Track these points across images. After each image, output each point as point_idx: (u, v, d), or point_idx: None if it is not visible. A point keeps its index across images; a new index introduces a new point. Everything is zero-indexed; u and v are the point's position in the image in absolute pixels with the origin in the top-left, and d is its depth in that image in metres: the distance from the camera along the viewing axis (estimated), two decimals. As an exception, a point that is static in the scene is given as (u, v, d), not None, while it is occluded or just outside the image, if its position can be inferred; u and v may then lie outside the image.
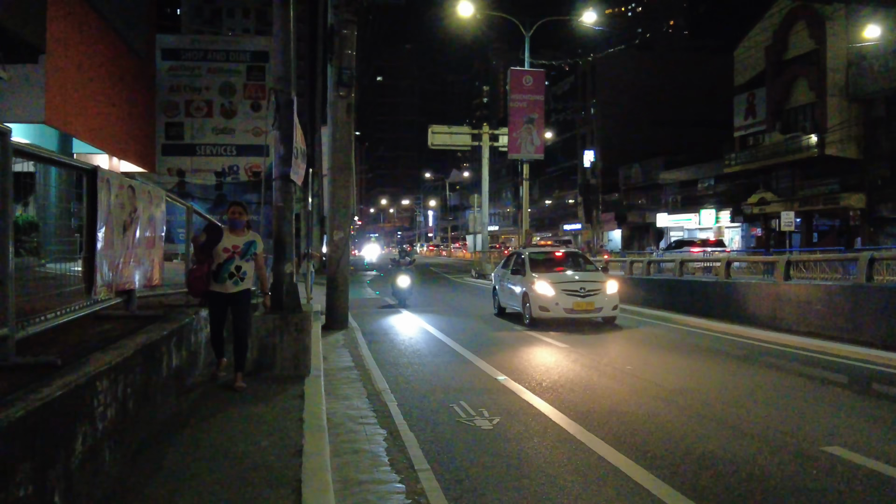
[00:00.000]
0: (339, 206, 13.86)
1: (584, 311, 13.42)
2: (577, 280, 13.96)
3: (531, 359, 10.45)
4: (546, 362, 10.08)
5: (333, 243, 13.89)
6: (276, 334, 7.27)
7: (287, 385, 6.99)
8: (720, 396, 7.72)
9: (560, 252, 16.56)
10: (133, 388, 4.76)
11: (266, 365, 7.30)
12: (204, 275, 6.49)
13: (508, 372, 9.12)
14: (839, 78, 35.35)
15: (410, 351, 11.26)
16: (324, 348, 11.19)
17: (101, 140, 27.56)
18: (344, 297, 13.88)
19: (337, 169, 13.88)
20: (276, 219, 7.52)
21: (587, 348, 11.22)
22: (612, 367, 9.57)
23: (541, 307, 13.52)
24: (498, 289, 16.45)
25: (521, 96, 28.48)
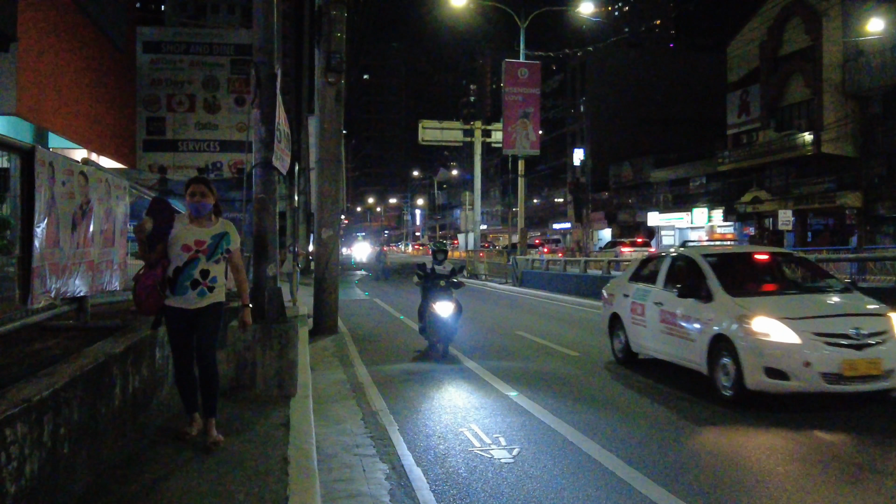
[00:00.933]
0: (327, 201, 12.78)
1: (862, 379, 6.63)
2: (839, 313, 7.26)
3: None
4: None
5: (321, 241, 12.80)
6: (257, 348, 6.18)
7: (269, 409, 5.91)
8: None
9: (764, 254, 9.39)
10: (69, 428, 3.68)
11: (245, 384, 6.21)
12: (157, 283, 4.63)
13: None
14: (835, 74, 34.64)
15: (413, 355, 10.21)
16: (312, 357, 10.10)
17: (78, 135, 26.27)
18: (333, 300, 12.80)
19: (325, 161, 12.78)
20: (256, 212, 6.42)
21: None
22: None
23: (770, 369, 6.67)
24: (625, 317, 9.36)
25: (516, 89, 27.34)
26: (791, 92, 37.10)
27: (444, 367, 9.58)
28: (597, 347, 10.93)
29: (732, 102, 41.37)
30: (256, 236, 6.41)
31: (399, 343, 11.89)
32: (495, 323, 14.65)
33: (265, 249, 6.40)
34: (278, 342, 6.23)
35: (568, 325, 14.05)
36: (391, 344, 11.82)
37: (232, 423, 5.45)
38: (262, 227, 6.42)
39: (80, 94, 25.43)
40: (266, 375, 6.24)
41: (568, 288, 20.14)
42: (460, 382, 8.46)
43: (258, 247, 6.42)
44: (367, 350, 11.07)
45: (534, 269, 23.57)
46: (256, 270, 6.40)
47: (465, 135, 30.59)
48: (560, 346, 11.15)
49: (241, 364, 6.20)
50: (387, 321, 15.38)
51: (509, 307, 18.11)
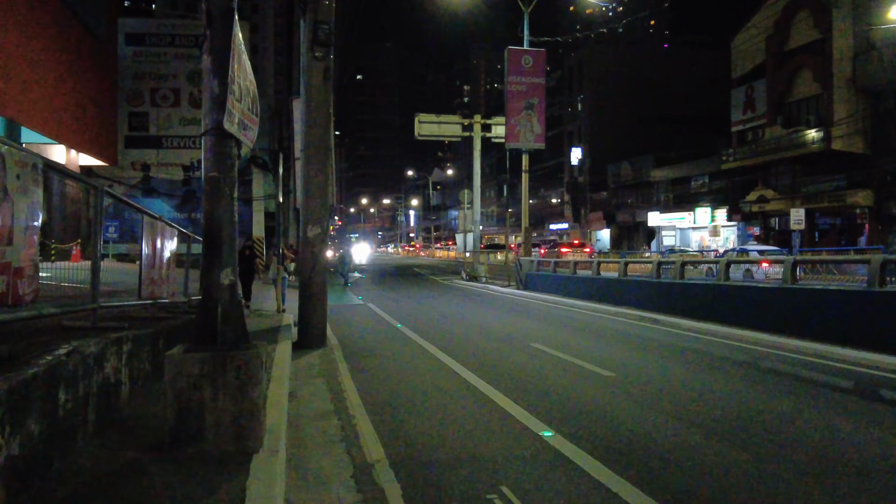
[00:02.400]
0: (314, 195, 10.98)
1: None
2: None
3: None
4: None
5: (307, 240, 11.00)
6: (206, 386, 4.39)
7: (220, 474, 4.11)
8: None
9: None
10: None
11: (189, 435, 4.41)
12: None
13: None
14: (846, 68, 33.07)
15: (411, 380, 8.41)
16: (293, 379, 8.31)
17: (55, 129, 24.31)
18: (321, 308, 11.00)
19: (312, 147, 10.98)
20: (207, 197, 4.62)
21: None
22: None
23: None
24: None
25: (520, 79, 25.37)
26: (799, 87, 35.51)
27: (453, 388, 7.81)
28: (633, 366, 9.19)
29: (737, 98, 39.75)
30: (206, 230, 4.60)
31: (399, 358, 10.10)
32: (506, 333, 12.88)
33: (218, 248, 4.59)
34: (236, 377, 4.43)
35: (589, 336, 12.29)
36: (389, 360, 10.02)
37: (158, 500, 3.65)
38: (215, 217, 4.62)
39: (55, 86, 23.54)
40: (219, 423, 4.44)
41: (579, 292, 18.40)
42: (479, 415, 6.68)
43: (208, 244, 4.61)
44: (361, 368, 9.28)
45: (540, 272, 21.82)
46: (206, 277, 4.59)
47: (463, 129, 28.67)
48: (587, 362, 9.37)
49: (185, 408, 4.40)
50: (383, 330, 13.58)
51: (518, 314, 16.34)
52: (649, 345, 11.19)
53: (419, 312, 16.99)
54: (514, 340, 11.78)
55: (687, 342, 11.44)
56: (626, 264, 16.66)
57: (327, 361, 9.74)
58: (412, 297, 22.29)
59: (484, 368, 9.05)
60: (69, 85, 24.68)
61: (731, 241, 42.63)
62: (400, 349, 11.01)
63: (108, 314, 6.47)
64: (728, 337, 11.67)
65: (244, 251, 15.29)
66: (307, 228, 10.99)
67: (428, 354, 10.39)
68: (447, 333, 12.86)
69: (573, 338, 12.05)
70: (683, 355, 10.25)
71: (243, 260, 14.68)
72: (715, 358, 10.01)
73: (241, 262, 15.22)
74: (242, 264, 14.26)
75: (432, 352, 10.57)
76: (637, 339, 11.79)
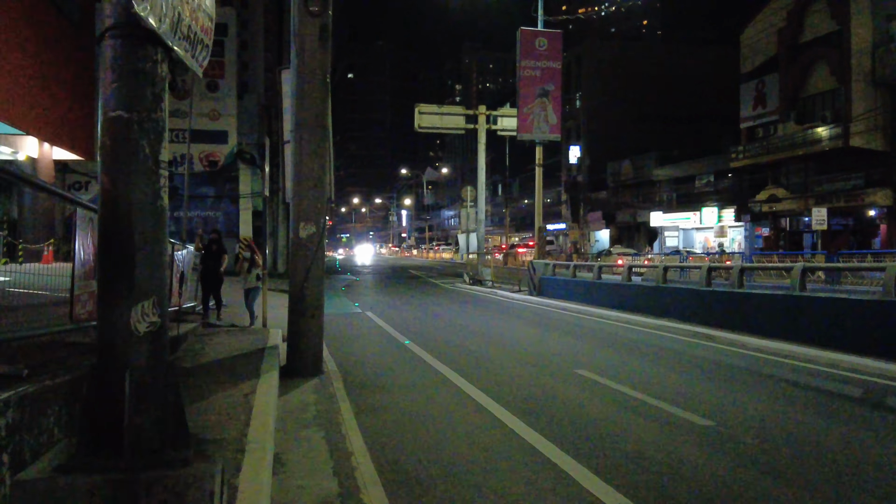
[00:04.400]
0: (307, 185, 8.67)
1: None
2: None
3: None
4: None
5: (299, 242, 8.69)
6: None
7: None
8: None
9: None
10: None
11: None
12: None
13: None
14: (864, 62, 31.05)
15: (439, 431, 6.13)
16: (280, 426, 6.05)
17: (25, 121, 21.79)
18: (316, 326, 8.69)
19: (304, 126, 8.68)
20: (105, 162, 2.31)
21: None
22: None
23: None
24: None
25: (534, 63, 22.81)
26: (814, 81, 33.48)
27: (500, 445, 5.55)
28: (728, 407, 6.95)
29: (747, 94, 37.67)
30: (104, 224, 2.29)
31: (415, 391, 7.81)
32: (537, 353, 10.60)
33: (126, 260, 2.29)
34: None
35: (644, 360, 9.99)
36: (403, 395, 7.73)
37: None
38: (121, 201, 2.31)
39: (25, 73, 21.00)
40: None
41: (606, 300, 16.12)
42: (553, 501, 4.41)
43: (108, 252, 2.30)
44: (369, 408, 7.00)
45: (557, 276, 19.54)
46: (104, 317, 2.28)
47: (467, 121, 26.21)
48: (667, 403, 7.11)
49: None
50: (388, 349, 11.28)
51: (542, 327, 14.02)
52: (727, 373, 8.92)
53: (427, 324, 14.69)
54: (552, 364, 9.51)
55: (773, 369, 9.18)
56: (666, 269, 14.39)
57: (325, 398, 7.45)
58: (414, 303, 19.99)
59: (531, 411, 6.79)
60: (41, 74, 22.33)
61: (738, 243, 40.62)
62: (414, 377, 8.72)
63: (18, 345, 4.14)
64: (815, 361, 9.44)
65: (210, 246, 12.24)
66: (299, 227, 8.69)
67: (450, 386, 8.13)
68: (467, 353, 10.58)
69: (626, 361, 9.78)
70: (781, 389, 8.02)
71: (209, 257, 12.15)
72: (831, 396, 7.80)
73: (206, 260, 12.14)
74: (208, 262, 11.94)
75: (455, 382, 8.30)
76: (705, 364, 9.55)
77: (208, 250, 12.19)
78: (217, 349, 9.24)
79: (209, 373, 7.57)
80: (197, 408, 5.92)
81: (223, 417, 5.59)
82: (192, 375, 7.45)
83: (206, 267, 12.11)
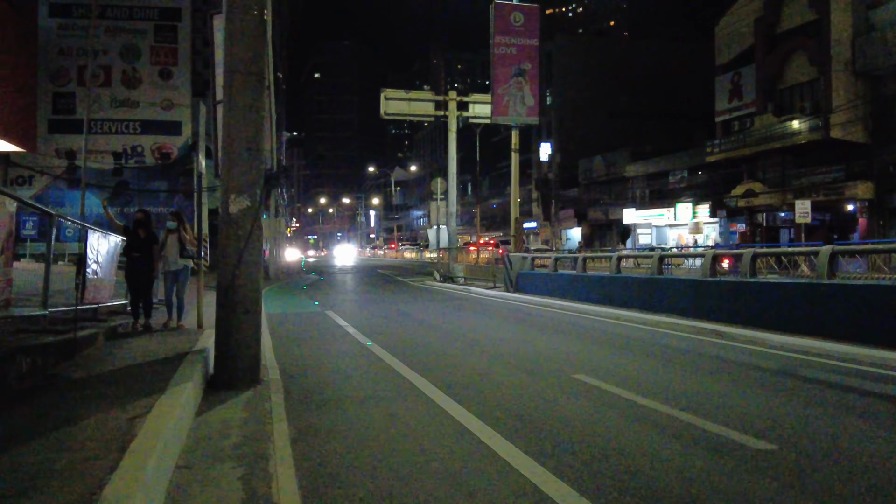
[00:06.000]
0: (238, 148, 6.84)
1: None
2: None
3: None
4: None
5: (230, 219, 6.86)
6: None
7: None
8: None
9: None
10: None
11: None
12: None
13: None
14: (844, 51, 30.10)
15: (409, 465, 4.35)
16: (185, 459, 4.24)
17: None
18: (251, 325, 6.86)
19: (235, 73, 6.85)
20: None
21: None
22: None
23: None
24: None
25: (508, 39, 20.93)
26: (792, 72, 32.49)
27: (494, 488, 3.79)
28: (785, 422, 5.30)
29: (722, 86, 36.62)
30: None
31: (377, 407, 6.01)
32: (525, 354, 8.88)
33: None
34: None
35: (652, 362, 8.31)
36: (361, 411, 5.93)
37: None
38: None
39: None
40: None
41: (592, 294, 14.48)
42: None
43: None
44: (313, 431, 5.21)
45: (535, 271, 17.88)
46: None
47: (437, 108, 24.29)
48: (701, 417, 5.45)
49: None
50: (347, 352, 9.47)
51: (525, 324, 12.28)
52: (759, 377, 7.24)
53: (394, 323, 12.90)
54: (545, 368, 7.79)
55: (811, 370, 7.55)
56: (661, 259, 12.83)
57: (257, 417, 5.64)
58: (381, 302, 18.17)
59: (527, 432, 5.07)
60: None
61: (713, 240, 39.54)
62: (375, 387, 6.94)
63: None
64: (857, 360, 7.86)
65: (136, 231, 9.51)
66: (228, 200, 6.85)
67: (421, 397, 6.37)
68: (441, 357, 8.83)
69: (630, 363, 8.10)
70: (838, 397, 6.40)
71: (134, 246, 9.48)
72: (888, 400, 6.22)
73: (134, 249, 9.35)
74: (134, 252, 9.45)
75: (427, 392, 6.55)
76: (726, 366, 7.93)
77: (132, 237, 9.54)
78: (127, 355, 7.36)
79: (99, 386, 5.71)
80: (54, 439, 4.09)
81: (82, 456, 3.76)
82: (75, 389, 5.59)
83: (132, 260, 9.49)
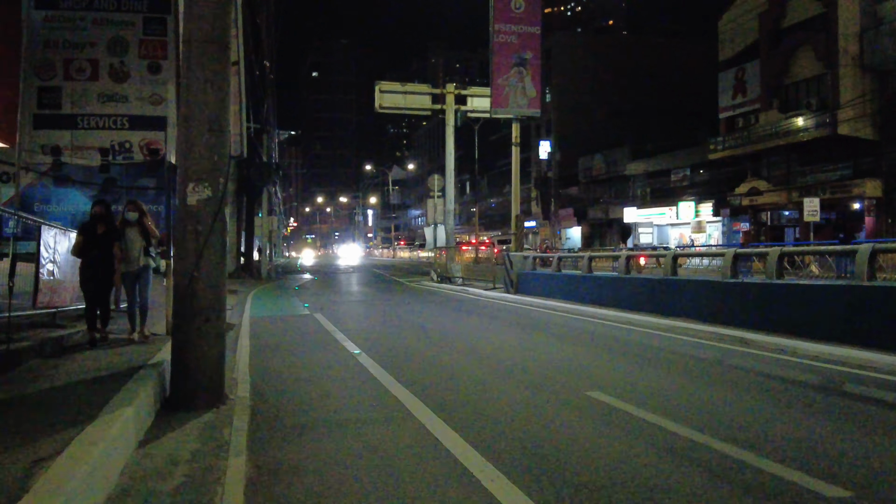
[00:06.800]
0: (198, 128, 5.83)
1: None
2: None
3: None
4: None
5: (188, 211, 5.84)
6: None
7: None
8: None
9: None
10: None
11: None
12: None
13: None
14: (852, 46, 29.13)
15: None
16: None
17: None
18: (213, 337, 5.83)
19: (194, 43, 5.83)
20: None
21: None
22: None
23: None
24: None
25: (509, 27, 19.84)
26: (798, 67, 31.49)
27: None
28: (855, 460, 4.28)
29: (725, 82, 35.63)
30: None
31: (358, 439, 4.98)
32: (531, 368, 7.83)
33: None
34: None
35: (675, 374, 7.29)
36: (340, 443, 4.91)
37: None
38: None
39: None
40: None
41: (599, 296, 13.46)
42: None
43: None
44: (276, 473, 4.18)
45: (537, 271, 16.86)
46: None
47: (434, 101, 23.23)
48: (744, 449, 4.46)
49: None
50: (333, 363, 8.43)
51: (527, 330, 11.18)
52: (804, 395, 6.21)
53: (387, 328, 11.87)
54: (554, 383, 6.77)
55: (866, 387, 6.58)
56: (676, 258, 11.81)
57: (212, 448, 4.62)
58: (374, 304, 17.14)
59: (540, 472, 4.06)
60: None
61: (716, 239, 38.57)
62: (358, 408, 5.91)
63: None
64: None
65: (93, 226, 7.91)
66: (186, 190, 5.84)
67: (410, 422, 5.35)
68: (435, 368, 7.80)
69: (650, 378, 7.07)
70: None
71: (92, 243, 7.85)
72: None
73: (91, 248, 7.76)
74: (92, 251, 7.88)
75: (418, 415, 5.53)
76: (761, 380, 6.91)
77: (89, 233, 7.86)
78: (72, 370, 6.32)
79: (19, 412, 4.67)
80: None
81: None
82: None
83: (88, 260, 7.82)
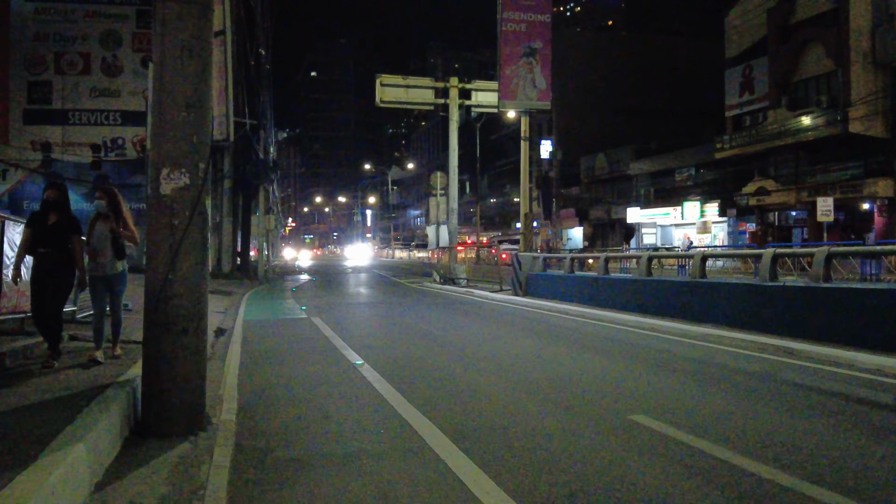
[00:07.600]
0: (173, 106, 4.88)
1: None
2: None
3: None
4: None
5: (160, 201, 4.89)
6: None
7: None
8: None
9: None
10: None
11: None
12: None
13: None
14: (863, 42, 28.27)
15: None
16: None
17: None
18: (191, 350, 4.88)
19: (169, 2, 4.89)
20: None
21: None
22: None
23: None
24: None
25: (518, 15, 18.81)
26: (808, 64, 30.59)
27: None
28: None
29: (732, 80, 34.74)
30: None
31: (369, 475, 4.04)
32: (560, 385, 6.87)
33: None
34: None
35: (723, 391, 6.37)
36: (341, 483, 3.96)
37: None
38: None
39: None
40: None
41: (618, 300, 12.54)
42: None
43: None
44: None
45: (549, 272, 15.93)
46: None
47: (437, 95, 22.21)
48: (843, 496, 3.54)
49: None
50: (332, 376, 7.48)
51: (545, 338, 10.16)
52: (886, 420, 5.36)
53: (391, 335, 10.93)
54: (588, 403, 5.83)
55: None
56: (704, 259, 10.86)
57: (184, 496, 3.68)
58: (376, 307, 16.19)
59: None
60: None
61: (721, 240, 37.69)
62: (364, 436, 4.97)
63: None
64: None
65: (45, 217, 6.23)
66: (159, 177, 4.89)
67: (428, 456, 4.40)
68: (450, 384, 6.84)
69: (699, 397, 6.12)
70: None
71: (43, 239, 6.19)
72: None
73: (39, 243, 6.11)
74: (42, 248, 6.23)
75: (436, 446, 4.58)
76: (832, 401, 5.94)
77: (40, 225, 6.23)
78: (24, 391, 5.36)
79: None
80: None
81: None
82: None
83: (40, 260, 6.27)
